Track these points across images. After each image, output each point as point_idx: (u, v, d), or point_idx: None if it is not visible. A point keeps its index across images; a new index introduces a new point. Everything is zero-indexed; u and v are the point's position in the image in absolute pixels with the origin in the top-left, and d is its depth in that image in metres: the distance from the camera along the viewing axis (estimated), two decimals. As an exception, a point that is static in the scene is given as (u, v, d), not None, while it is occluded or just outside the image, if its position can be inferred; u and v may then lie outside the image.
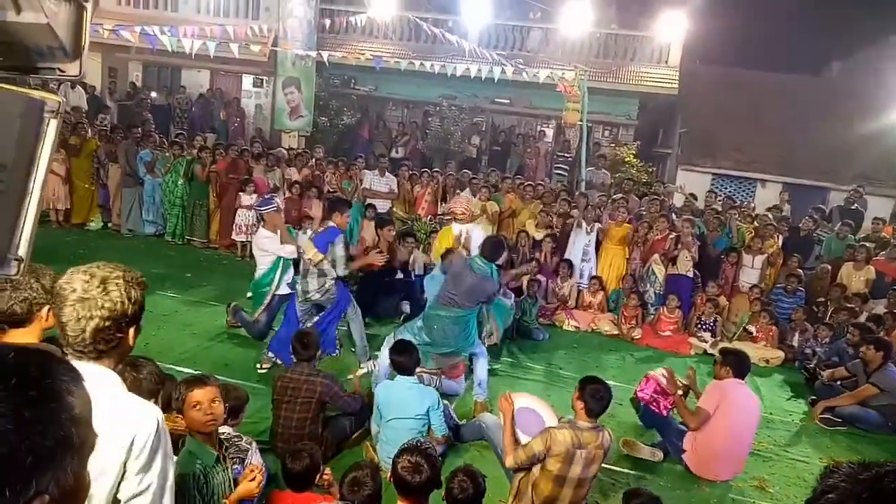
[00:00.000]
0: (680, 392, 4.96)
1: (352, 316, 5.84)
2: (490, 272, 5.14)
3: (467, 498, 3.05)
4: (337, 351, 5.95)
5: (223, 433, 3.50)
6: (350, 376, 5.06)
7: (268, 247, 6.06)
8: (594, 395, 3.60)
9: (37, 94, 1.14)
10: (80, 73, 1.27)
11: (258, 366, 5.74)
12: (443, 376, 5.49)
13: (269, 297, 6.10)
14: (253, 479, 2.80)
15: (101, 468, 1.46)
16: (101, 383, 1.54)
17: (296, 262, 6.11)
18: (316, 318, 5.76)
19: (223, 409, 2.80)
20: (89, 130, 10.42)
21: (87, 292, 1.60)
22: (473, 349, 5.34)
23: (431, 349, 5.06)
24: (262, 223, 6.24)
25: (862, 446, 5.68)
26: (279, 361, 5.69)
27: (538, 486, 3.63)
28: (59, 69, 1.24)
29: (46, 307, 2.31)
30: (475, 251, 5.42)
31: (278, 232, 6.11)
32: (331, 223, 5.63)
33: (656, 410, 5.01)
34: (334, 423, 4.44)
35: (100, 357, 1.66)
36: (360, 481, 3.08)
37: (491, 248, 5.17)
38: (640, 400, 5.23)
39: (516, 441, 3.84)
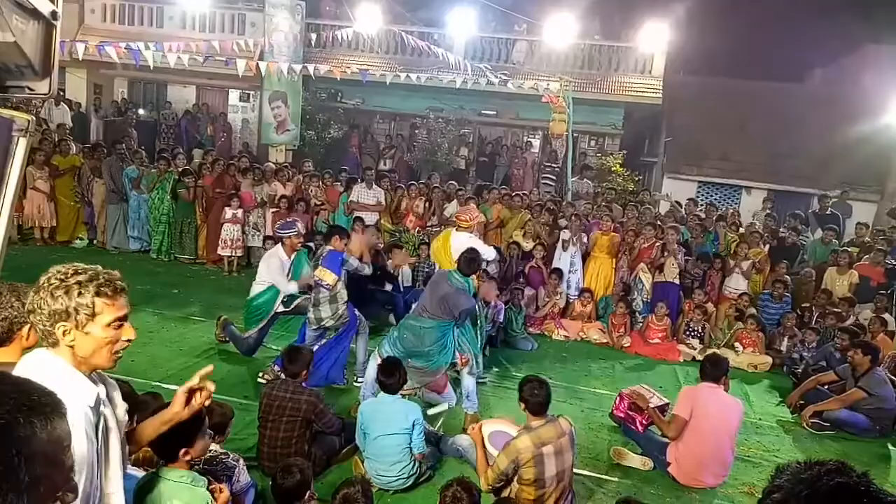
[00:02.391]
0: (653, 405, 4.97)
1: (361, 331, 5.89)
2: (467, 287, 5.14)
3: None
4: (344, 381, 5.81)
5: (209, 451, 3.46)
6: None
7: (275, 274, 6.11)
8: (529, 393, 3.71)
9: (6, 112, 1.12)
10: (51, 90, 1.25)
11: (259, 374, 5.71)
12: (424, 389, 5.48)
13: (267, 319, 6.11)
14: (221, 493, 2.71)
15: None
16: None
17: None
18: (323, 341, 5.76)
19: None
20: (73, 147, 10.35)
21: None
22: (453, 361, 5.30)
23: (408, 359, 5.03)
24: (281, 244, 6.32)
25: (850, 450, 5.69)
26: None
27: (521, 497, 3.65)
28: (28, 87, 1.22)
29: (27, 326, 2.28)
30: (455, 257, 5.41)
31: (292, 258, 6.19)
32: (328, 247, 5.64)
33: (633, 427, 5.04)
34: (323, 439, 4.40)
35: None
36: (351, 498, 3.05)
37: (466, 263, 5.17)
38: (617, 418, 5.28)
39: (489, 462, 3.88)
